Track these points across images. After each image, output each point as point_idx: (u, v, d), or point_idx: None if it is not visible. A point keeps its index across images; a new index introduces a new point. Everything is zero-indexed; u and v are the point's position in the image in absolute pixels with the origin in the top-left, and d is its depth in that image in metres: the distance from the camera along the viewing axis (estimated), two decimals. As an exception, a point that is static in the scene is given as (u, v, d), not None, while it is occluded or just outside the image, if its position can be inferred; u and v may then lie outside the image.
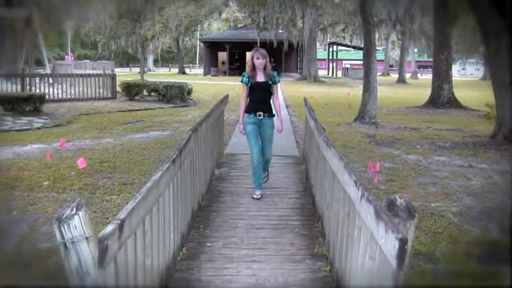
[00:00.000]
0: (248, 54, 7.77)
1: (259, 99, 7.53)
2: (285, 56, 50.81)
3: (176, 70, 61.91)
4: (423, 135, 14.58)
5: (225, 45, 50.93)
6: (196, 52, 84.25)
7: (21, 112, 17.71)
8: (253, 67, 7.41)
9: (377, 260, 3.10)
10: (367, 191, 3.51)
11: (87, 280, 2.82)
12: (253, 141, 7.53)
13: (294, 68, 56.40)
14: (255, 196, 7.61)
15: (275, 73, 7.56)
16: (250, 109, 7.55)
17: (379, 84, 18.94)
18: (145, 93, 24.40)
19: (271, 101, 7.68)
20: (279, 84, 7.78)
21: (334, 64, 60.98)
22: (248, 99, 7.61)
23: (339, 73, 60.77)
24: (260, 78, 7.46)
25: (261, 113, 7.50)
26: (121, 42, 51.99)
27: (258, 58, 7.34)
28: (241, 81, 7.53)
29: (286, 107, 21.75)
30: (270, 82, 7.49)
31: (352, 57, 72.37)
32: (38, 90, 21.56)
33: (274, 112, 7.72)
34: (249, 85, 7.46)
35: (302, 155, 10.67)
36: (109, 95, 24.24)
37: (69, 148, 11.40)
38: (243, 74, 7.57)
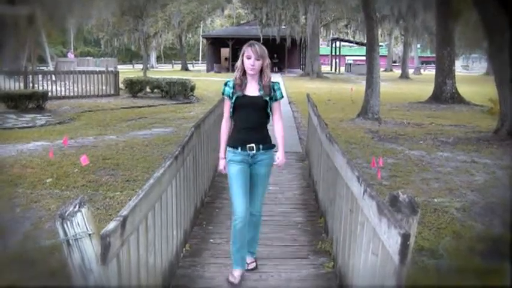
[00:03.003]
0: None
1: (250, 123, 4.74)
2: (287, 52, 50.66)
3: (179, 67, 61.80)
4: (426, 131, 14.56)
5: (228, 42, 50.84)
6: (199, 49, 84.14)
7: (24, 109, 17.75)
8: (244, 71, 4.70)
9: (380, 256, 3.10)
10: (370, 186, 3.51)
11: (90, 277, 2.83)
12: (239, 189, 4.72)
13: (297, 64, 56.27)
14: (231, 278, 4.74)
15: (276, 84, 4.82)
16: (236, 140, 4.78)
17: (382, 80, 18.92)
18: (148, 90, 24.46)
19: (268, 125, 4.90)
20: (281, 101, 4.94)
21: (337, 60, 60.75)
22: (233, 122, 4.89)
23: (342, 69, 60.58)
24: (252, 90, 4.72)
25: (253, 146, 4.71)
26: (124, 39, 51.94)
27: (249, 57, 4.60)
28: (223, 93, 4.82)
29: (289, 103, 21.72)
30: (267, 98, 4.70)
31: (355, 53, 72.17)
32: (40, 88, 21.59)
33: (273, 141, 4.94)
34: (233, 100, 4.72)
35: (305, 151, 10.67)
36: (112, 92, 24.29)
37: (72, 145, 11.41)
38: (226, 81, 4.83)
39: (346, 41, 59.70)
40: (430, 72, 51.52)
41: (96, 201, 7.31)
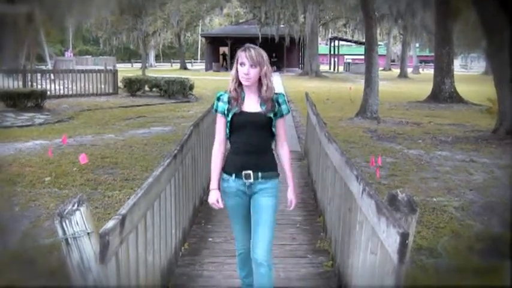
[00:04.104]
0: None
1: (251, 145, 3.80)
2: (286, 51, 50.65)
3: (178, 66, 61.72)
4: (425, 130, 14.57)
5: (227, 41, 50.78)
6: (197, 47, 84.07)
7: (23, 108, 17.71)
8: (240, 82, 3.77)
9: (378, 255, 3.10)
10: (369, 185, 3.51)
11: (88, 276, 2.83)
12: (238, 225, 4.05)
13: (296, 63, 56.27)
14: None
15: (281, 96, 3.92)
16: (230, 164, 3.88)
17: (380, 79, 18.94)
18: (146, 88, 24.45)
19: (272, 147, 3.98)
20: (287, 117, 4.13)
21: (336, 59, 60.71)
22: (229, 144, 3.94)
23: (341, 68, 60.56)
24: (251, 104, 3.80)
25: (250, 173, 3.79)
26: (122, 38, 51.86)
27: (242, 64, 3.68)
28: (215, 110, 3.87)
29: (288, 102, 21.66)
30: (271, 114, 3.79)
31: (353, 52, 72.14)
32: (39, 86, 21.56)
33: (277, 167, 3.96)
34: (229, 117, 3.78)
35: (304, 150, 10.67)
36: (111, 91, 24.28)
37: (70, 144, 11.41)
38: (219, 95, 3.88)
39: (344, 40, 59.63)
40: (428, 71, 51.54)
41: (95, 200, 7.31)
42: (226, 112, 3.80)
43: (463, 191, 8.19)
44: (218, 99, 3.86)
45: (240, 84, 3.77)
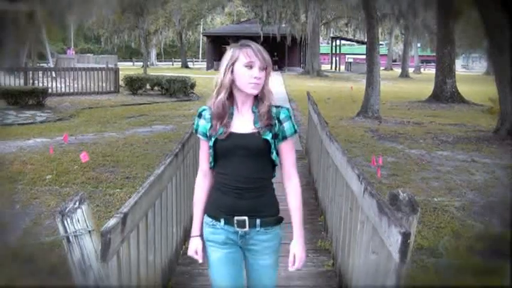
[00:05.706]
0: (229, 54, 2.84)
1: (242, 180, 2.76)
2: (288, 51, 50.63)
3: (179, 64, 61.74)
4: (426, 130, 14.56)
5: (228, 40, 50.63)
6: (199, 46, 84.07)
7: (24, 106, 17.74)
8: (231, 90, 2.75)
9: (380, 255, 3.10)
10: (370, 185, 3.51)
11: (89, 274, 2.83)
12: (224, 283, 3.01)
13: (297, 63, 56.21)
14: None
15: (283, 111, 2.81)
16: (217, 207, 2.85)
17: (382, 79, 18.92)
18: (148, 87, 24.45)
19: (271, 180, 3.02)
20: (292, 140, 2.90)
21: (337, 58, 60.80)
22: (215, 175, 2.89)
23: (342, 67, 60.59)
24: (243, 123, 2.75)
25: (244, 219, 2.79)
26: (124, 37, 52.01)
27: (250, 65, 2.67)
28: (195, 130, 2.88)
29: (289, 101, 21.68)
30: (268, 135, 2.72)
31: (355, 51, 71.98)
32: (41, 84, 21.60)
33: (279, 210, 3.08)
34: (211, 142, 2.77)
35: (305, 149, 10.67)
36: (112, 89, 24.27)
37: (72, 142, 11.40)
38: (201, 110, 2.87)
39: (346, 39, 59.61)
40: (430, 71, 51.50)
41: (96, 198, 7.32)
42: (206, 133, 2.80)
43: (464, 191, 8.19)
44: (199, 115, 2.86)
45: (230, 95, 2.76)
